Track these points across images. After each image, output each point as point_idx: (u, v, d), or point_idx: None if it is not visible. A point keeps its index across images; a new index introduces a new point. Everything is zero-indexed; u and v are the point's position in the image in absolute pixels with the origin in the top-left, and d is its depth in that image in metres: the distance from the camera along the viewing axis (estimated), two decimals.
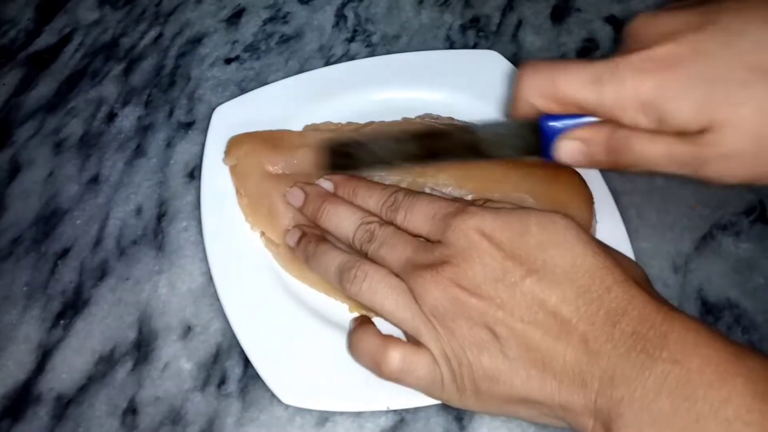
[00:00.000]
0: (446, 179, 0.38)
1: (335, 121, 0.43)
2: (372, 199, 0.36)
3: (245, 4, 0.54)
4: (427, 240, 0.33)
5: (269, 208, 0.39)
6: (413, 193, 0.35)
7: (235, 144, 0.41)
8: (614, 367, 0.26)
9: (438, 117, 0.43)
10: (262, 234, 0.39)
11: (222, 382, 0.37)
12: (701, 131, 0.29)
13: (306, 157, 0.40)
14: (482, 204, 0.34)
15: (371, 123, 0.42)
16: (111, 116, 0.47)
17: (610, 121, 0.32)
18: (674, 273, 0.39)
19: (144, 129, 0.47)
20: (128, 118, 0.47)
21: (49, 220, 0.43)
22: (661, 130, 0.30)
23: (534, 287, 0.29)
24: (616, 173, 0.40)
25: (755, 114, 0.28)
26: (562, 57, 0.49)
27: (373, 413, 0.35)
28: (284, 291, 0.38)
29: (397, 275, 0.32)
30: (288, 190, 0.38)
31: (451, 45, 0.51)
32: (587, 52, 0.50)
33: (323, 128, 0.42)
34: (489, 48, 0.49)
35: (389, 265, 0.33)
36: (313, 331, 0.36)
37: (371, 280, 0.32)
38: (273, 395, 0.35)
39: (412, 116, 0.42)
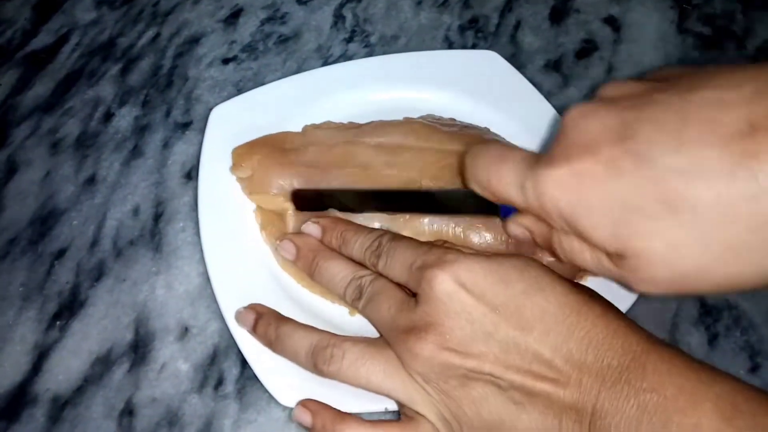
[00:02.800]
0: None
1: (334, 121, 0.42)
2: (357, 245, 0.35)
3: (243, 4, 0.54)
4: (408, 289, 0.32)
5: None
6: (397, 237, 0.34)
7: (242, 155, 0.40)
8: (604, 400, 0.27)
9: (440, 118, 0.42)
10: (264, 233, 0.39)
11: (219, 383, 0.36)
12: (619, 255, 0.28)
13: (316, 156, 0.40)
14: (445, 245, 0.33)
15: (371, 122, 0.42)
16: (108, 116, 0.47)
17: None
18: None
19: (141, 129, 0.47)
20: (125, 118, 0.47)
21: (46, 220, 0.43)
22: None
23: (526, 339, 0.29)
24: None
25: (665, 249, 0.27)
26: (561, 58, 0.50)
27: (371, 414, 0.34)
28: (281, 292, 0.37)
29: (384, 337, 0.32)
30: (278, 243, 0.38)
31: (450, 45, 0.51)
32: (586, 52, 0.50)
33: (324, 127, 0.42)
34: (488, 48, 0.49)
35: (375, 325, 0.33)
36: None
37: (351, 356, 0.32)
38: (270, 397, 0.35)
39: (410, 116, 0.42)
